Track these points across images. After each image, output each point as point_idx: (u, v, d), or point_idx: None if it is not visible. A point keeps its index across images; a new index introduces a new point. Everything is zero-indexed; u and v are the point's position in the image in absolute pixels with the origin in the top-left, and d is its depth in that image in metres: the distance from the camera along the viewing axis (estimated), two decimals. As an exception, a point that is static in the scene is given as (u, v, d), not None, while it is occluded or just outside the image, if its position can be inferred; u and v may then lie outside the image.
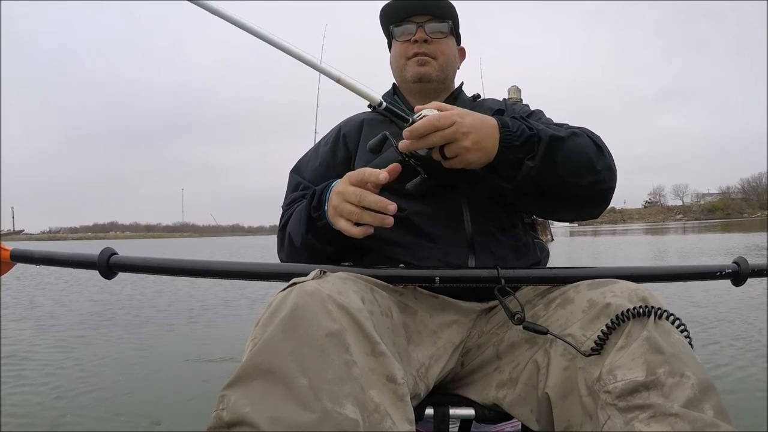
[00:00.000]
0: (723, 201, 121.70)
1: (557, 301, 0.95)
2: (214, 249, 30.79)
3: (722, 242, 19.86)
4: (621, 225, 77.96)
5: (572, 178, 1.04)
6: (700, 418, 0.69)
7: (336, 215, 1.01)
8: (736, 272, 1.11)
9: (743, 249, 15.13)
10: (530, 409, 0.91)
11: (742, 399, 2.94)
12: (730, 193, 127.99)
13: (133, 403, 3.09)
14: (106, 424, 2.77)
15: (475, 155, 0.98)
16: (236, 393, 0.66)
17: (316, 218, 1.08)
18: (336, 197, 1.01)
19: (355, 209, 0.96)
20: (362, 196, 0.96)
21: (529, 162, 1.00)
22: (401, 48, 1.31)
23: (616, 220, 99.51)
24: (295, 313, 0.72)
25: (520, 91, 3.86)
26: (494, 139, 0.99)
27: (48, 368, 3.89)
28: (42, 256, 1.16)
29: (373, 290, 0.92)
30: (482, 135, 0.98)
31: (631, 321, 0.80)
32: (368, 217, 0.96)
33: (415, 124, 0.95)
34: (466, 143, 0.95)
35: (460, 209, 1.15)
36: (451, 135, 0.94)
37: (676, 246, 19.60)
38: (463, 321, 1.08)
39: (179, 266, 1.08)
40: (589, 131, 1.11)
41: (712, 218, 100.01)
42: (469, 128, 0.96)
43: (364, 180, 0.97)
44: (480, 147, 0.97)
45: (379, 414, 0.68)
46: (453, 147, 0.96)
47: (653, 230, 49.42)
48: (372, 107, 1.34)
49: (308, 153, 1.39)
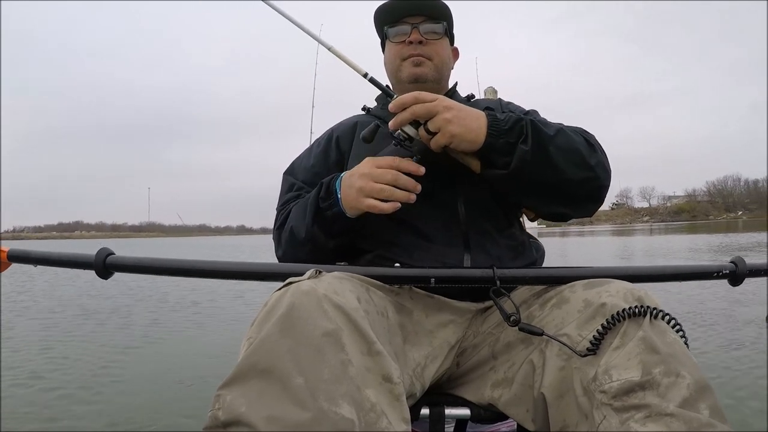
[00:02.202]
0: (689, 203, 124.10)
1: (553, 301, 0.95)
2: (193, 249, 30.62)
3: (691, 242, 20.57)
4: (588, 226, 78.35)
5: (566, 169, 1.05)
6: (695, 418, 0.69)
7: (361, 196, 1.04)
8: (734, 272, 1.11)
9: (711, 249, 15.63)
10: (526, 409, 0.91)
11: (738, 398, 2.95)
12: (696, 196, 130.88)
13: (129, 403, 3.08)
14: (103, 425, 2.77)
15: (457, 128, 1.01)
16: (232, 392, 0.66)
17: (325, 208, 1.10)
18: (361, 179, 1.05)
19: (386, 187, 1.03)
20: (398, 176, 1.03)
21: (523, 146, 1.02)
22: (396, 49, 1.31)
23: (584, 222, 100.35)
24: (291, 313, 0.72)
25: (496, 92, 3.86)
26: (480, 122, 1.03)
27: (39, 366, 3.89)
28: (39, 256, 1.16)
29: (369, 290, 0.93)
30: (465, 113, 1.03)
31: (627, 321, 0.80)
32: (399, 194, 1.03)
33: (400, 96, 1.04)
34: (447, 115, 1.01)
35: (456, 209, 1.15)
36: (432, 107, 1.01)
37: (642, 246, 20.20)
38: (459, 321, 1.08)
39: (175, 266, 1.08)
40: (582, 130, 1.13)
41: (678, 220, 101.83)
42: (451, 104, 1.03)
43: (398, 166, 1.04)
44: (462, 124, 1.01)
45: (375, 413, 0.68)
46: (435, 120, 1.01)
47: (620, 231, 50.33)
48: (366, 110, 1.34)
49: (302, 155, 1.39)
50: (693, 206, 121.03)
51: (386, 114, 1.29)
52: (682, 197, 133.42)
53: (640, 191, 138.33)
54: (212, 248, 30.82)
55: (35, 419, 2.86)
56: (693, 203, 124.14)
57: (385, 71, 1.37)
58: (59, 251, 1.18)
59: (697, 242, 20.76)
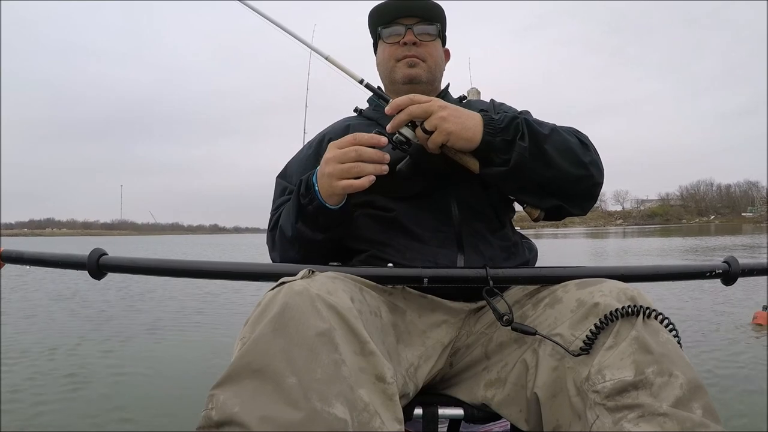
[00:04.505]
0: (662, 207, 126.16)
1: (546, 301, 0.95)
2: (193, 249, 30.54)
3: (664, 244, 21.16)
4: (562, 229, 78.73)
5: (562, 167, 1.07)
6: (688, 417, 0.69)
7: (333, 181, 1.02)
8: (727, 272, 1.11)
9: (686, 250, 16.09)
10: (519, 409, 0.91)
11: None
12: (669, 200, 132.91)
13: (123, 403, 3.07)
14: (99, 424, 2.76)
15: (453, 125, 1.02)
16: (225, 392, 0.66)
17: (305, 204, 1.09)
18: (328, 165, 1.03)
19: (354, 164, 1.00)
20: (360, 150, 1.00)
21: (521, 142, 1.04)
22: (390, 50, 1.31)
23: (557, 224, 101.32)
24: (285, 313, 0.72)
25: (479, 93, 3.82)
26: (475, 121, 1.04)
27: (34, 368, 3.87)
28: (32, 257, 1.16)
29: (362, 290, 0.93)
30: (460, 112, 1.04)
31: (620, 320, 0.80)
32: (369, 168, 1.00)
33: (396, 99, 1.05)
34: (442, 113, 1.02)
35: (449, 209, 1.15)
36: (428, 107, 1.03)
37: (614, 248, 20.64)
38: (452, 321, 1.08)
39: (168, 266, 1.07)
40: (575, 129, 1.15)
41: (651, 223, 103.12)
42: (445, 104, 1.04)
43: (357, 141, 1.02)
44: (458, 122, 1.02)
45: (368, 413, 0.68)
46: (431, 119, 1.02)
47: (594, 234, 51.11)
48: (358, 111, 1.34)
49: (294, 158, 1.39)
50: (666, 210, 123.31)
51: (378, 116, 1.29)
52: (656, 201, 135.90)
53: (614, 195, 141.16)
54: (211, 248, 30.71)
55: (35, 419, 2.85)
56: (666, 207, 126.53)
57: (378, 72, 1.37)
58: (51, 251, 1.17)
59: (673, 244, 21.46)
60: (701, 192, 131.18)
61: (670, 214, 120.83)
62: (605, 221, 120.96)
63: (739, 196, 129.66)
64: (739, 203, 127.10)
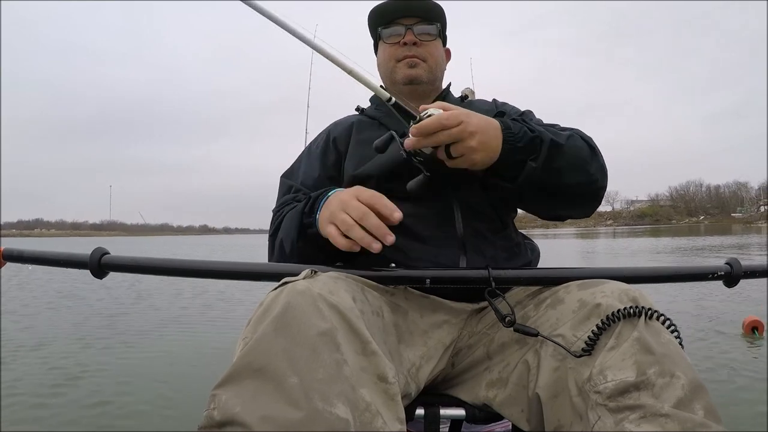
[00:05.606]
0: (652, 207, 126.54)
1: (548, 302, 0.95)
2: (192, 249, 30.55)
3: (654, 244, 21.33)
4: (552, 229, 78.30)
5: (570, 179, 1.07)
6: (690, 418, 0.69)
7: (328, 221, 0.98)
8: (729, 273, 1.11)
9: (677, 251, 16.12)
10: (521, 410, 0.91)
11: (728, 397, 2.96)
12: (659, 200, 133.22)
13: (125, 403, 3.07)
14: (98, 425, 2.76)
15: (480, 155, 0.98)
16: (227, 392, 0.66)
17: (307, 225, 1.08)
18: (335, 203, 0.99)
19: (350, 221, 0.93)
20: (366, 216, 0.93)
21: (532, 162, 1.02)
22: (390, 50, 1.31)
23: (547, 224, 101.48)
24: (287, 312, 0.72)
25: (473, 93, 3.79)
26: (498, 140, 1.00)
27: (31, 367, 3.87)
28: (33, 256, 1.16)
29: (364, 290, 0.93)
30: (488, 136, 0.99)
31: (622, 321, 0.80)
32: (358, 233, 0.92)
33: (423, 122, 0.95)
34: (472, 143, 0.96)
35: (452, 210, 1.15)
36: (457, 134, 0.95)
37: (604, 247, 20.79)
38: (454, 321, 1.08)
39: (170, 266, 1.07)
40: (582, 132, 1.13)
41: (641, 224, 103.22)
42: (476, 128, 0.96)
43: (374, 205, 0.94)
44: (485, 147, 0.98)
45: (370, 413, 0.68)
46: (459, 146, 0.96)
47: (584, 234, 50.91)
48: (360, 110, 1.34)
49: (299, 158, 1.38)
50: (656, 210, 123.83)
51: (380, 115, 1.29)
52: (645, 201, 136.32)
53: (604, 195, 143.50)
54: (201, 249, 30.73)
55: (35, 420, 2.85)
56: (656, 207, 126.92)
57: (378, 72, 1.37)
58: (53, 251, 1.17)
59: (663, 244, 21.44)
60: (691, 192, 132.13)
61: (660, 215, 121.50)
62: (595, 222, 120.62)
63: (729, 196, 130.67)
64: (728, 204, 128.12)
